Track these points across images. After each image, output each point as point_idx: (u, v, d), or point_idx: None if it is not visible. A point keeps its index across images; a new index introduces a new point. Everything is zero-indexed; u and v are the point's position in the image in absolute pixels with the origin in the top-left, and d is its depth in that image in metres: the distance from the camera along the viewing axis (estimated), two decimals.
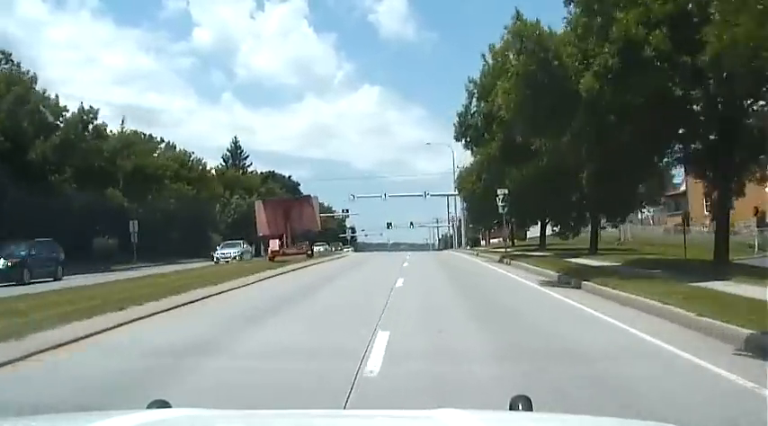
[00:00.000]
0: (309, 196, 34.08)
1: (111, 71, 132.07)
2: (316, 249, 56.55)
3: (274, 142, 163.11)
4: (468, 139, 26.52)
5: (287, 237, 31.03)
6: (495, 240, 75.16)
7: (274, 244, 30.22)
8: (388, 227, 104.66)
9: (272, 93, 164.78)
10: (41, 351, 6.86)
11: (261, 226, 31.50)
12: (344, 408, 4.39)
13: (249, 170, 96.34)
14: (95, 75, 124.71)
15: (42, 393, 5.27)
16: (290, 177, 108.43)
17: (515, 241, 71.88)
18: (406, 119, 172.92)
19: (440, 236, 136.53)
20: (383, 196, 56.02)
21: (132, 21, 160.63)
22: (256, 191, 63.88)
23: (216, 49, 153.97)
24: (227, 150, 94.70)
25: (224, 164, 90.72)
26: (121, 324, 8.96)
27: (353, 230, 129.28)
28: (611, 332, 7.75)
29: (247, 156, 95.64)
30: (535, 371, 5.49)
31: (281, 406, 4.37)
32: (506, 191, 28.89)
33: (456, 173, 45.06)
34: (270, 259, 30.01)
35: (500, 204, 28.83)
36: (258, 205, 32.60)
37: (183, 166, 50.69)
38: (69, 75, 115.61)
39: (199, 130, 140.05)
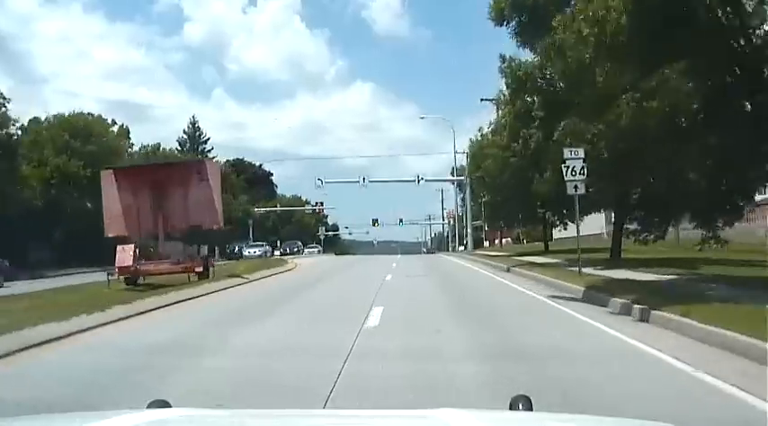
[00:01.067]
0: (202, 161, 18.63)
1: (102, 66, 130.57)
2: (250, 253, 42.45)
3: (266, 138, 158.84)
4: (525, 18, 11.81)
5: (160, 239, 16.50)
6: (505, 240, 60.91)
7: (125, 255, 15.49)
8: (373, 225, 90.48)
9: (264, 89, 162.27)
10: None
11: (111, 220, 16.72)
12: None
13: (211, 156, 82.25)
14: (86, 70, 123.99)
15: None
16: (260, 166, 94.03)
17: (525, 242, 57.24)
18: (398, 117, 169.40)
19: (432, 235, 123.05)
20: (361, 181, 41.27)
21: (123, 15, 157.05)
22: None
23: (208, 45, 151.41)
24: (184, 132, 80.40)
25: (180, 148, 76.51)
26: None
27: (335, 227, 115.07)
28: None
29: (208, 139, 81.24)
30: None
31: None
32: (582, 152, 14.55)
33: (466, 149, 30.42)
34: (127, 282, 15.66)
35: (571, 177, 14.46)
36: (106, 178, 17.30)
37: (76, 137, 35.80)
38: (60, 70, 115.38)
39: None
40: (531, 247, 39.04)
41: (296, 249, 58.57)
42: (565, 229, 31.90)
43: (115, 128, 60.85)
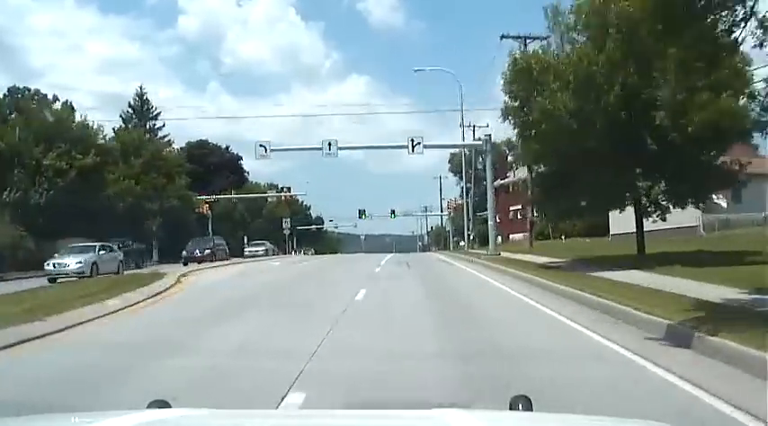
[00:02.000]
0: None
1: (96, 60, 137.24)
2: (56, 267, 21.62)
3: (261, 131, 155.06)
4: None
5: None
6: (522, 236, 47.41)
7: None
8: (360, 216, 77.46)
9: (259, 82, 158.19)
10: None
11: None
12: None
13: (162, 135, 68.39)
14: (80, 64, 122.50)
15: None
16: (227, 148, 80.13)
17: (563, 238, 43.11)
18: (393, 110, 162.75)
19: (429, 228, 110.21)
20: (327, 148, 26.87)
21: (117, 8, 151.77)
22: (101, 153, 34.56)
23: (202, 38, 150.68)
24: (129, 105, 66.11)
25: (123, 124, 62.78)
26: None
27: (319, 221, 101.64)
28: None
29: (158, 114, 67.14)
30: None
31: None
32: None
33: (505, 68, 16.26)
34: None
35: None
36: None
37: None
38: (54, 64, 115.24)
39: (186, 120, 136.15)
40: (585, 247, 25.30)
41: (207, 250, 33.96)
42: (663, 219, 18.16)
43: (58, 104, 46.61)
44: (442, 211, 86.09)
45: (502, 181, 54.16)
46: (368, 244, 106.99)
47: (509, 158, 44.63)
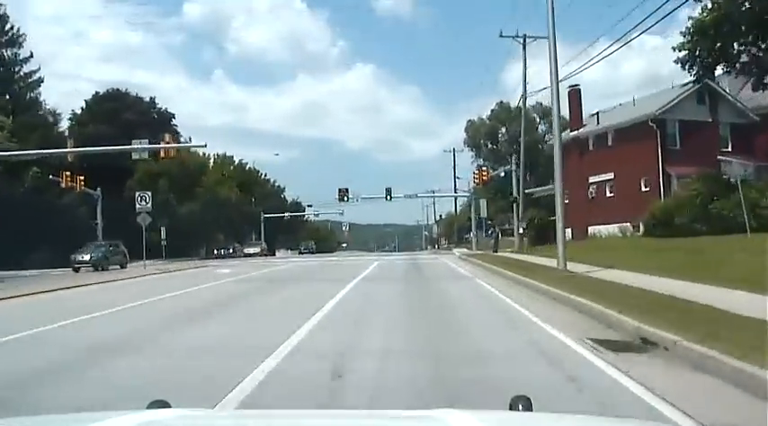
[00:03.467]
0: None
1: (99, 47, 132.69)
2: None
3: (267, 121, 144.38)
4: None
5: None
6: (611, 230, 24.33)
7: None
8: (341, 199, 54.09)
9: (264, 70, 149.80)
10: None
11: None
12: None
13: (30, 70, 45.80)
14: (82, 52, 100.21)
15: None
16: (153, 100, 57.35)
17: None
18: (399, 99, 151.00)
19: (438, 216, 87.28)
20: None
21: None
22: None
23: (207, 25, 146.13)
24: None
25: None
26: None
27: (298, 207, 79.00)
28: None
29: (20, 37, 44.24)
30: None
31: None
32: None
33: None
34: None
35: None
36: None
37: None
38: (56, 51, 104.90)
39: (190, 109, 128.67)
40: None
41: None
42: None
43: None
44: (455, 192, 63.18)
45: (578, 133, 30.68)
46: (357, 236, 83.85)
47: None
